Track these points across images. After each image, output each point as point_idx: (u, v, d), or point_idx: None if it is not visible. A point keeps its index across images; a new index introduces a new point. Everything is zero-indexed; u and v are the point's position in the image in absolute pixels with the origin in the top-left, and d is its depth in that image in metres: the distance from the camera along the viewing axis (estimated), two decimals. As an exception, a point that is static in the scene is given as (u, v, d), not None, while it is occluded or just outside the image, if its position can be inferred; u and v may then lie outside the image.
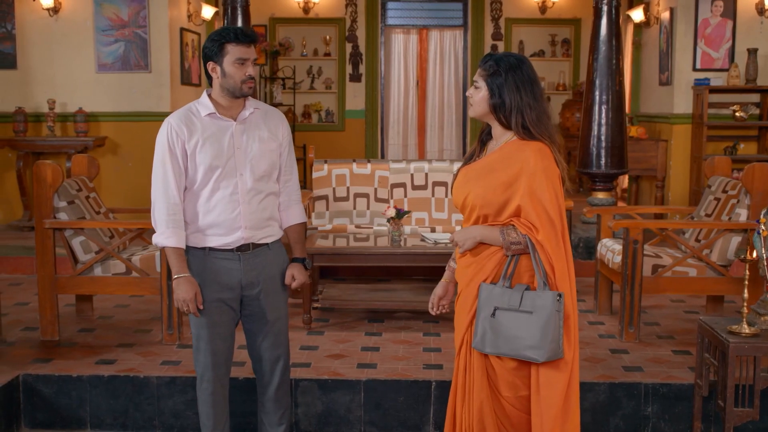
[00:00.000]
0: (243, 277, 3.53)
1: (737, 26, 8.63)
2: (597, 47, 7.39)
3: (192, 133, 3.44)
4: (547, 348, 3.10)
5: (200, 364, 3.61)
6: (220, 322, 3.57)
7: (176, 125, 3.44)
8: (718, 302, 5.95)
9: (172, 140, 3.42)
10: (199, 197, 3.48)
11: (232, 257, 3.51)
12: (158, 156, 3.46)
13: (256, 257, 3.56)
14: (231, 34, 3.40)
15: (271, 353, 3.70)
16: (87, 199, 5.47)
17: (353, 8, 12.67)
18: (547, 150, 3.19)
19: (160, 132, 3.47)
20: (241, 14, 7.28)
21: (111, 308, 6.03)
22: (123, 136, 8.69)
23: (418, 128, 13.18)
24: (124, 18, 8.56)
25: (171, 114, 3.53)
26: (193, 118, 3.48)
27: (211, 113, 3.48)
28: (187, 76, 9.26)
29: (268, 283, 3.61)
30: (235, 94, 3.46)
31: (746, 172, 5.27)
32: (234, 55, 3.40)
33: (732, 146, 8.63)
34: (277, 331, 3.69)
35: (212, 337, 3.56)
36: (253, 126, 3.55)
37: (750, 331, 4.00)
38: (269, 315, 3.64)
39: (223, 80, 3.43)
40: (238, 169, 3.48)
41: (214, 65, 3.44)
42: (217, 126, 3.48)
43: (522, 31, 12.83)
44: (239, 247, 3.52)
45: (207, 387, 3.62)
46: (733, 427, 4.02)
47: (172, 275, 3.47)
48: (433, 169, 6.92)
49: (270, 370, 3.72)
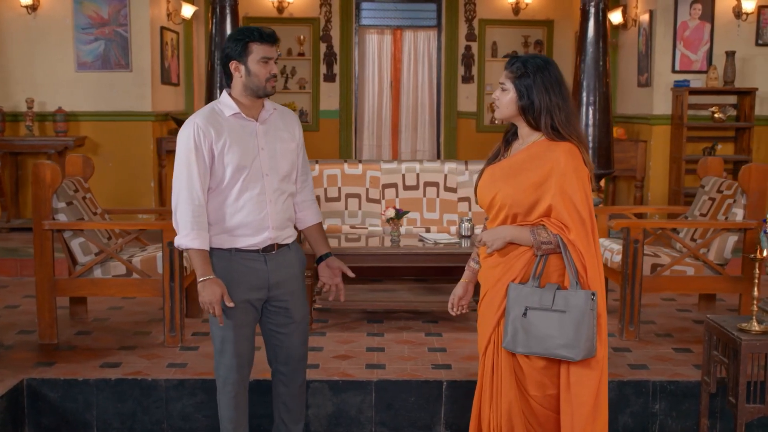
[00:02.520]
0: (270, 277, 3.52)
1: (715, 29, 8.78)
2: (584, 49, 7.45)
3: (219, 134, 3.41)
4: (582, 346, 3.12)
5: (224, 367, 3.57)
6: (246, 324, 3.55)
7: (203, 125, 3.40)
8: (710, 300, 6.06)
9: (199, 141, 3.38)
10: (227, 198, 3.45)
11: (258, 258, 3.50)
12: (182, 157, 3.41)
13: (280, 257, 3.55)
14: (255, 34, 3.39)
15: (298, 351, 3.70)
16: (84, 200, 5.39)
17: (327, 8, 12.63)
18: (576, 150, 3.22)
19: (184, 132, 3.42)
20: (229, 13, 7.20)
21: (105, 310, 5.95)
22: (103, 135, 8.58)
23: (392, 129, 13.19)
24: (104, 16, 8.45)
25: (194, 114, 3.49)
26: (218, 118, 3.45)
27: (236, 113, 3.46)
28: (167, 75, 9.17)
29: (292, 282, 3.61)
30: (259, 93, 3.44)
31: (743, 172, 5.37)
32: (258, 54, 3.39)
33: (711, 147, 8.77)
34: (303, 329, 3.70)
35: (238, 339, 3.54)
36: (274, 126, 3.54)
37: (760, 329, 4.08)
38: (295, 314, 3.64)
39: (247, 79, 3.41)
40: (263, 169, 3.47)
41: (238, 64, 3.41)
42: (242, 126, 3.46)
43: (496, 32, 12.90)
44: (265, 247, 3.50)
45: (230, 390, 3.59)
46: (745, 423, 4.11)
47: (197, 278, 3.42)
48: (425, 170, 6.93)
49: (294, 369, 3.72)
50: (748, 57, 8.77)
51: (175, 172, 3.47)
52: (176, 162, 3.46)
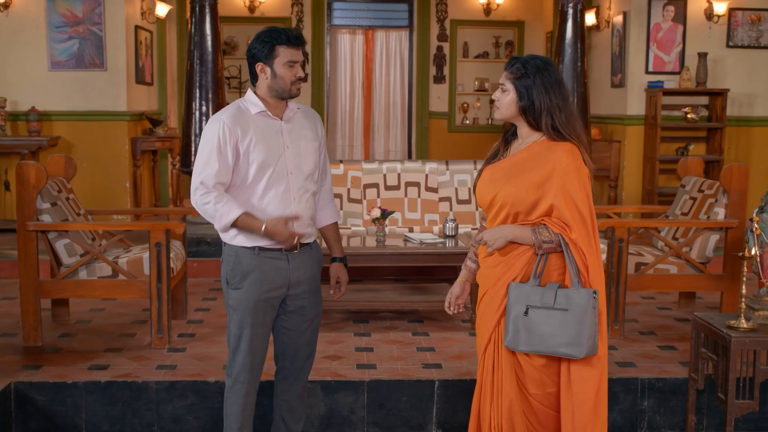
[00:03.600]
0: (291, 276, 3.53)
1: (687, 31, 8.91)
2: (562, 50, 7.53)
3: (245, 132, 3.41)
4: (584, 344, 3.15)
5: (236, 365, 3.57)
6: (264, 323, 3.56)
7: (230, 124, 3.40)
8: (690, 298, 6.15)
9: (225, 138, 3.39)
10: (251, 196, 3.45)
11: (281, 257, 3.50)
12: (205, 153, 3.41)
13: (302, 256, 3.56)
14: (282, 37, 3.39)
15: (306, 349, 3.72)
16: (67, 201, 5.33)
17: (299, 8, 12.61)
18: (576, 150, 3.25)
19: (210, 129, 3.42)
20: (209, 13, 7.16)
21: (87, 312, 5.88)
22: (77, 136, 8.48)
23: (364, 129, 13.20)
24: (78, 14, 8.36)
25: (220, 111, 3.49)
26: (245, 116, 3.45)
27: (262, 111, 3.47)
28: (141, 74, 9.08)
29: (311, 281, 3.63)
30: (284, 96, 3.46)
31: (725, 172, 5.46)
32: (285, 57, 3.40)
33: (684, 147, 8.90)
34: (315, 328, 3.72)
35: (254, 337, 3.54)
36: (299, 125, 3.55)
37: (748, 326, 4.14)
38: (310, 312, 3.66)
39: (273, 81, 3.43)
40: (288, 167, 3.48)
41: (264, 66, 3.43)
42: (267, 124, 3.47)
43: (467, 33, 12.97)
44: (288, 246, 3.50)
45: (240, 389, 3.58)
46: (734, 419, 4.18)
47: (260, 232, 3.39)
48: (406, 170, 6.94)
49: (301, 367, 3.74)
50: (719, 58, 8.91)
51: (195, 166, 3.47)
52: (198, 157, 3.46)
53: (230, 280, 3.51)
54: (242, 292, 3.49)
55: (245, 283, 3.48)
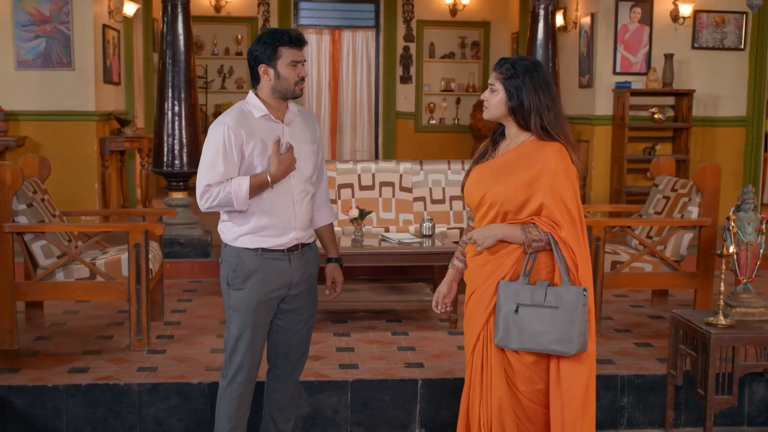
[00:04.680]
0: (293, 276, 3.55)
1: (654, 32, 9.02)
2: (534, 51, 7.60)
3: (250, 136, 3.42)
4: (576, 341, 3.19)
5: (233, 366, 3.58)
6: (264, 323, 3.59)
7: (234, 127, 3.40)
8: (663, 296, 6.24)
9: (230, 141, 3.39)
10: (255, 198, 3.45)
11: (283, 257, 3.52)
12: (209, 155, 3.42)
13: (302, 256, 3.59)
14: (285, 38, 3.41)
15: (299, 349, 3.74)
16: (43, 202, 5.26)
17: (265, 7, 12.58)
18: (564, 150, 3.30)
19: (214, 131, 3.43)
20: (181, 12, 7.11)
21: (61, 314, 5.81)
22: (45, 136, 8.34)
23: (330, 129, 13.20)
24: (45, 13, 8.22)
25: (223, 114, 3.49)
26: (248, 119, 3.46)
27: (265, 115, 3.48)
28: (109, 74, 8.97)
29: (310, 281, 3.67)
30: (287, 96, 3.48)
31: (698, 172, 5.55)
32: (288, 57, 3.41)
33: (651, 147, 9.02)
34: (309, 327, 3.75)
35: (253, 338, 3.56)
36: (299, 128, 3.57)
37: (726, 323, 4.23)
38: (306, 312, 3.69)
39: (276, 82, 3.44)
40: None
41: (267, 68, 3.43)
42: (270, 128, 3.48)
43: (433, 33, 13.04)
44: (290, 247, 3.53)
45: (236, 389, 3.59)
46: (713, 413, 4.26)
47: (269, 184, 3.40)
48: (380, 170, 6.96)
49: (293, 366, 3.76)
50: (684, 59, 9.04)
51: (200, 170, 3.46)
52: (202, 161, 3.46)
53: (231, 281, 3.52)
54: (245, 293, 3.50)
55: (248, 284, 3.50)
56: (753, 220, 4.32)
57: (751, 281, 4.39)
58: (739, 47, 9.09)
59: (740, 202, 4.36)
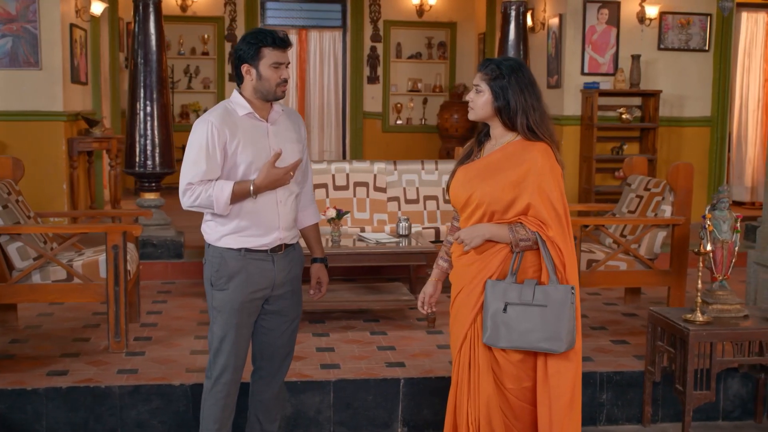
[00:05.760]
0: (276, 277, 3.53)
1: (621, 33, 9.15)
2: (505, 52, 7.66)
3: (233, 134, 3.40)
4: (564, 339, 3.23)
5: (217, 367, 3.56)
6: (248, 324, 3.57)
7: (218, 124, 3.38)
8: (635, 293, 6.33)
9: (213, 139, 3.37)
10: None
11: (266, 258, 3.50)
12: (192, 153, 3.40)
13: (286, 257, 3.57)
14: (268, 38, 3.39)
15: (284, 350, 3.73)
16: (17, 203, 5.19)
17: (232, 7, 12.51)
18: (550, 150, 3.34)
19: (198, 129, 3.41)
20: (153, 12, 7.06)
21: (35, 317, 5.74)
22: (12, 136, 8.22)
23: (298, 129, 13.14)
24: (11, 12, 8.10)
25: (207, 112, 3.47)
26: (232, 117, 3.44)
27: (249, 113, 3.46)
28: (76, 74, 8.87)
29: (294, 282, 3.65)
30: (268, 98, 3.46)
31: (671, 171, 5.64)
32: (271, 59, 3.39)
33: (619, 147, 9.14)
34: (294, 328, 3.73)
35: (237, 339, 3.54)
36: (284, 128, 3.56)
37: (704, 319, 4.31)
38: (291, 313, 3.67)
39: (258, 83, 3.42)
40: None
41: (249, 67, 3.42)
42: (254, 126, 3.47)
43: (400, 33, 13.06)
44: (274, 248, 3.51)
45: (221, 390, 3.57)
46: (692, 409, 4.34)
47: (251, 193, 3.39)
48: (354, 170, 6.97)
49: (278, 367, 3.74)
50: (651, 60, 9.17)
51: (183, 168, 3.45)
52: (185, 159, 3.44)
53: (215, 282, 3.50)
54: (228, 293, 3.48)
55: (231, 285, 3.48)
56: (728, 218, 4.40)
57: (726, 278, 4.47)
58: (703, 48, 9.25)
59: (716, 201, 4.44)
